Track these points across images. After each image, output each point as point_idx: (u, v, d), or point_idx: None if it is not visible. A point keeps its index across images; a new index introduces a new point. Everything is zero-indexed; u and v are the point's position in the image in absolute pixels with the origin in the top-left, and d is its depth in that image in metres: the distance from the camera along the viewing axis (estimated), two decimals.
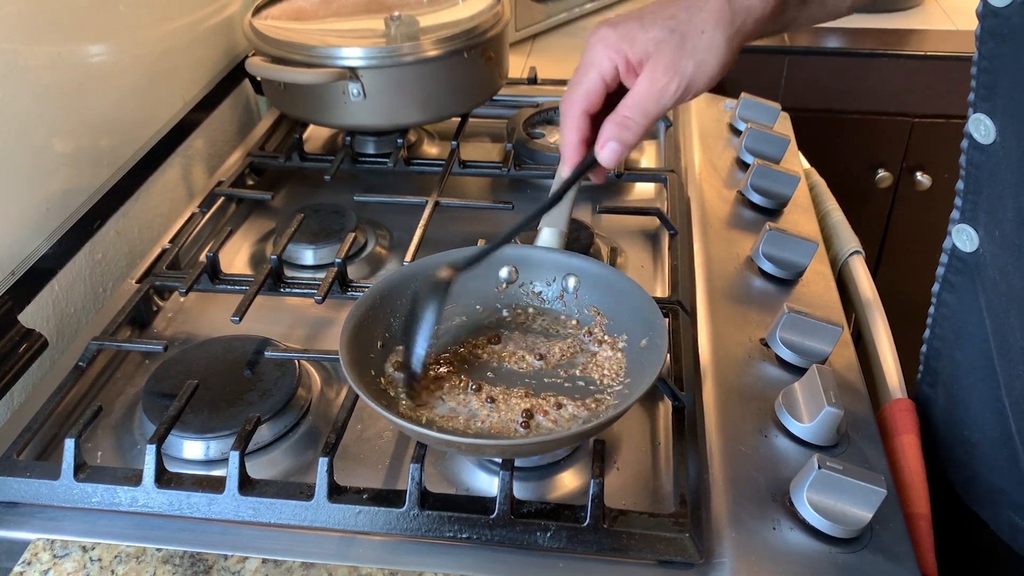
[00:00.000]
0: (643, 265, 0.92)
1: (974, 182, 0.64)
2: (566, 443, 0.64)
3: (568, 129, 0.67)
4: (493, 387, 0.67)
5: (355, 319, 0.67)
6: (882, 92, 1.49)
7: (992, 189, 0.63)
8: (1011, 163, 0.60)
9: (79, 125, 0.89)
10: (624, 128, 0.64)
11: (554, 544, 0.60)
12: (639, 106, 0.63)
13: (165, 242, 0.92)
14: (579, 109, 0.66)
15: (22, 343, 0.78)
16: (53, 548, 0.61)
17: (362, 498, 0.62)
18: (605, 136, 0.65)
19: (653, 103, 0.63)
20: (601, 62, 0.64)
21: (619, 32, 0.63)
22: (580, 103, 0.65)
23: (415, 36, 1.01)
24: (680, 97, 0.63)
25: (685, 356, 0.75)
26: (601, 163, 0.66)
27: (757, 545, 0.59)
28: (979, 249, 0.66)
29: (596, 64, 0.64)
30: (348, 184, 1.06)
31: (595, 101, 0.65)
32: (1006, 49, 0.59)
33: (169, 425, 0.66)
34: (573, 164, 0.68)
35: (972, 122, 0.63)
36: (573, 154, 0.67)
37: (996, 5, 0.58)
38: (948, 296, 0.70)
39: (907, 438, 0.70)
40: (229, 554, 0.61)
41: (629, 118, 0.64)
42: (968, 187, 0.65)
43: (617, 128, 0.64)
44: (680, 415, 0.69)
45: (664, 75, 0.62)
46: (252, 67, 1.00)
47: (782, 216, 0.96)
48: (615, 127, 0.64)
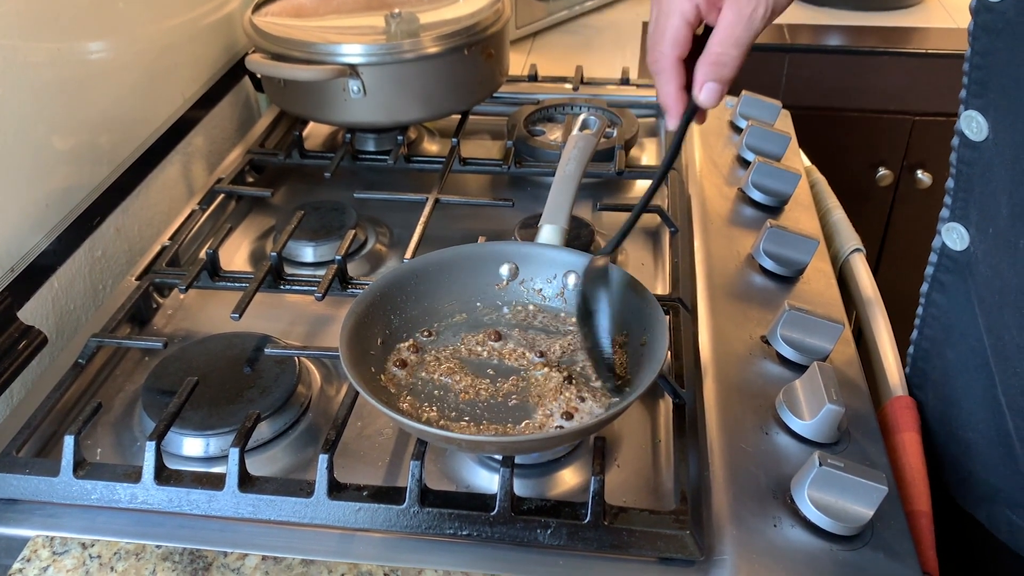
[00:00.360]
0: (644, 262, 0.92)
1: (965, 180, 0.64)
2: (566, 440, 0.64)
3: (665, 81, 0.65)
4: (493, 385, 0.67)
5: (355, 316, 0.67)
6: (883, 90, 1.49)
7: (985, 186, 0.62)
8: (1005, 160, 0.60)
9: (79, 122, 0.89)
10: (720, 65, 0.62)
11: (554, 541, 0.60)
12: (730, 38, 0.62)
13: (165, 239, 0.92)
14: (672, 58, 0.64)
15: (21, 340, 0.78)
16: (52, 545, 0.61)
17: (362, 495, 0.62)
18: (702, 77, 0.63)
19: (743, 31, 0.61)
20: (682, 5, 0.62)
21: None
22: (672, 51, 0.64)
23: (415, 33, 1.01)
24: (769, 19, 0.62)
25: (686, 353, 0.75)
26: (702, 105, 0.64)
27: (758, 542, 0.59)
28: (970, 247, 0.65)
29: (676, 8, 0.63)
30: (348, 181, 1.06)
31: (685, 46, 0.64)
32: (1000, 44, 0.58)
33: (169, 422, 0.66)
34: (679, 114, 0.66)
35: (964, 119, 0.63)
36: (676, 104, 0.65)
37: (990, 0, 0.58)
38: (938, 296, 0.70)
39: (908, 435, 0.70)
40: (229, 551, 0.61)
41: (723, 53, 0.62)
42: (959, 185, 0.65)
43: (713, 67, 0.62)
44: (681, 412, 0.69)
45: (749, 1, 0.61)
46: (252, 64, 1.00)
47: (783, 214, 0.96)
48: (711, 66, 0.63)
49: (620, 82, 1.23)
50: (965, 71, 0.62)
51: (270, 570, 0.59)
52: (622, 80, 1.23)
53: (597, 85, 1.23)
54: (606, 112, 1.12)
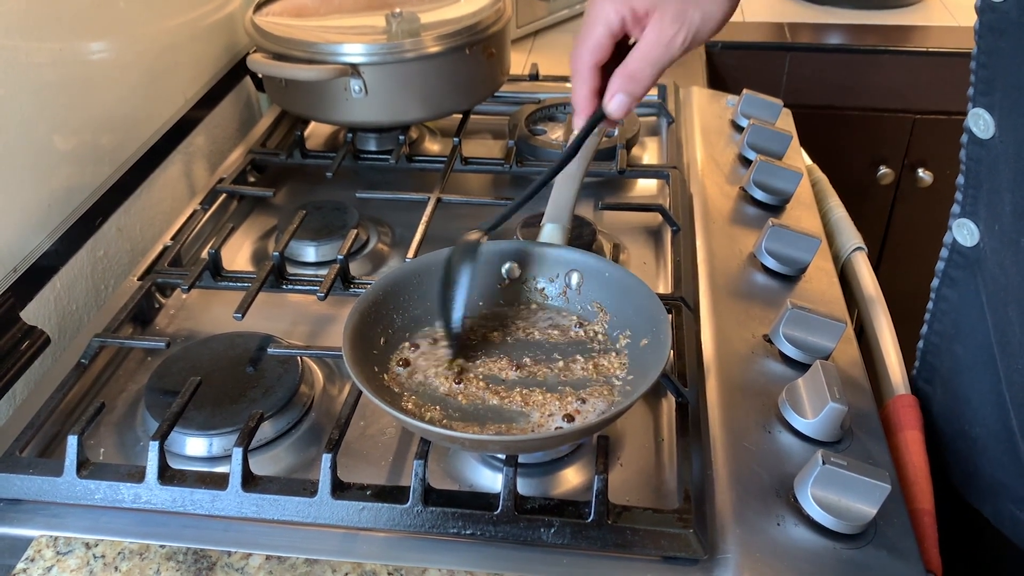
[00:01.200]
0: (646, 261, 0.92)
1: (974, 176, 0.65)
2: (570, 439, 0.64)
3: (579, 82, 0.68)
4: (496, 384, 0.67)
5: (358, 315, 0.67)
6: (884, 88, 1.49)
7: (992, 183, 0.63)
8: (1009, 157, 0.60)
9: (80, 122, 0.89)
10: (633, 80, 0.65)
11: (558, 540, 0.60)
12: (647, 57, 0.64)
13: (167, 239, 0.92)
14: (588, 63, 0.66)
15: (24, 340, 0.78)
16: (56, 545, 0.61)
17: (366, 494, 0.62)
18: (614, 88, 0.66)
19: (661, 53, 0.64)
20: (608, 15, 0.64)
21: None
22: (589, 57, 0.66)
23: (416, 33, 1.01)
24: (688, 46, 0.64)
25: (688, 352, 0.75)
26: (610, 115, 0.67)
27: (761, 541, 0.59)
28: (980, 243, 0.66)
29: (603, 18, 0.65)
30: (350, 181, 1.06)
31: (604, 53, 0.66)
32: (1004, 44, 0.59)
33: (172, 422, 0.66)
34: (586, 116, 0.69)
35: (971, 117, 0.63)
36: (585, 106, 0.68)
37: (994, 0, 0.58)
38: (948, 291, 0.70)
39: (911, 434, 0.70)
40: (232, 551, 0.61)
41: (638, 70, 0.64)
42: (968, 181, 0.65)
43: (626, 80, 0.65)
44: (683, 411, 0.69)
45: (671, 25, 0.63)
46: (253, 64, 1.00)
47: (784, 212, 0.96)
48: (624, 79, 0.65)
49: None
50: (972, 69, 0.62)
51: (274, 570, 0.59)
52: None
53: None
54: None
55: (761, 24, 1.56)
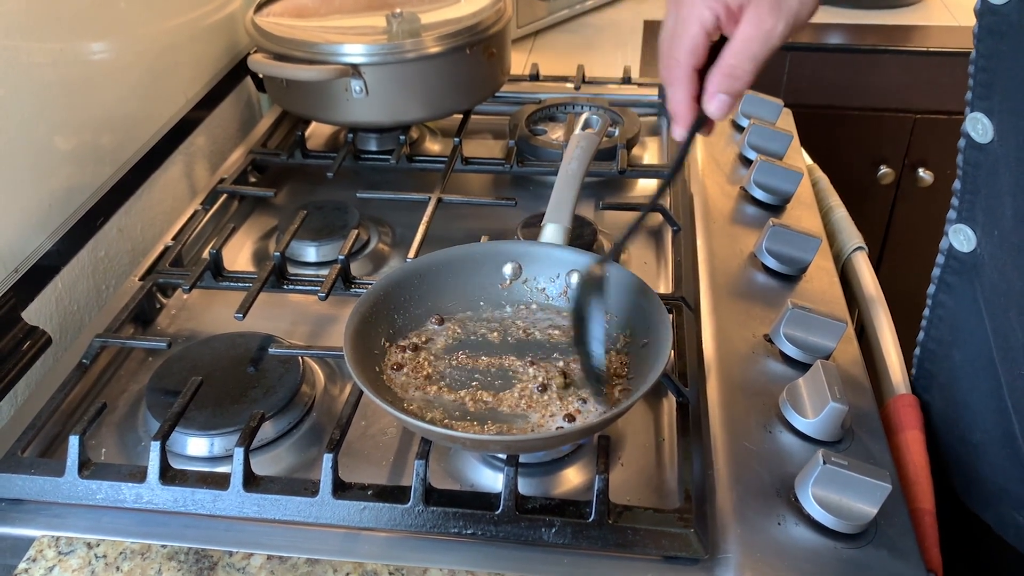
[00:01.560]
0: (646, 261, 0.92)
1: (972, 181, 0.64)
2: (571, 439, 0.64)
3: (677, 90, 0.64)
4: (497, 383, 0.67)
5: (359, 315, 0.67)
6: (884, 88, 1.49)
7: (990, 188, 0.62)
8: (1009, 162, 0.60)
9: (81, 122, 0.89)
10: (733, 78, 0.61)
11: (559, 540, 0.60)
12: (746, 52, 0.60)
13: (168, 239, 0.92)
14: (687, 66, 0.63)
15: (26, 340, 0.78)
16: (58, 545, 0.61)
17: (367, 494, 0.62)
18: (713, 88, 0.62)
19: (761, 47, 0.60)
20: (702, 13, 0.61)
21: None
22: (687, 60, 0.62)
23: (417, 33, 1.01)
24: (788, 35, 0.60)
25: (689, 352, 0.75)
26: (711, 117, 0.63)
27: (762, 540, 0.59)
28: (977, 249, 0.65)
29: (696, 16, 0.61)
30: (350, 181, 1.06)
31: (701, 55, 0.62)
32: (1004, 47, 0.58)
33: (173, 422, 0.66)
34: (687, 124, 0.65)
35: (969, 121, 0.62)
36: (686, 113, 0.64)
37: (995, 3, 0.58)
38: (945, 297, 0.70)
39: (911, 434, 0.70)
40: (234, 550, 0.61)
41: (737, 66, 0.61)
42: (965, 186, 0.65)
43: (726, 79, 0.61)
44: (684, 411, 0.69)
45: (770, 16, 0.59)
46: (254, 64, 1.00)
47: (785, 212, 0.96)
48: (723, 78, 0.61)
49: (622, 81, 1.23)
50: (971, 73, 0.61)
51: (275, 569, 0.59)
52: (624, 79, 1.23)
53: (599, 84, 1.23)
54: (608, 111, 1.12)
55: None
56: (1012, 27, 0.57)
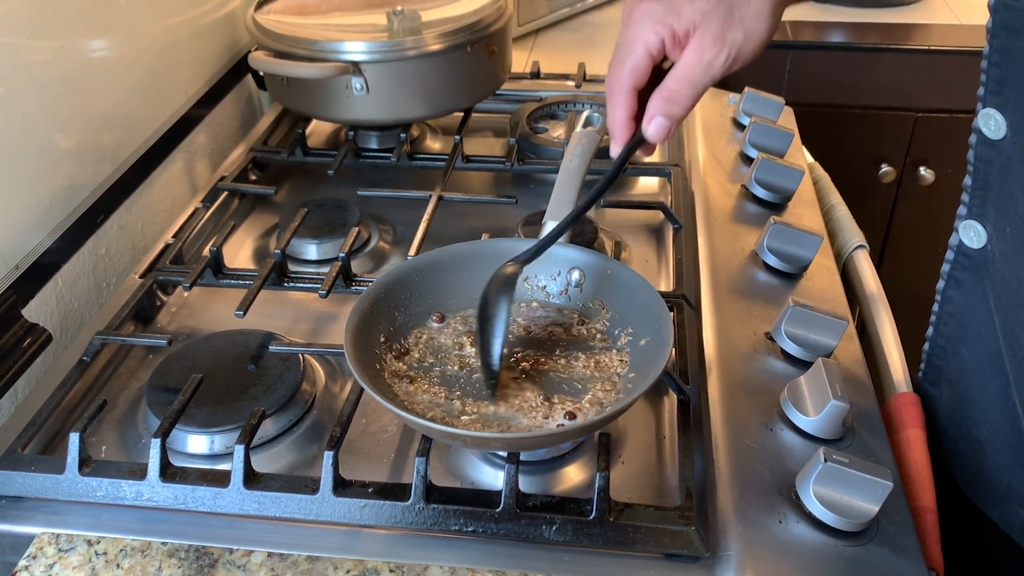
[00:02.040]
0: (647, 259, 0.92)
1: (983, 178, 0.64)
2: (572, 436, 0.64)
3: (616, 107, 0.65)
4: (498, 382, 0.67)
5: (359, 313, 0.67)
6: (885, 86, 1.49)
7: (1002, 185, 0.62)
8: (1022, 158, 0.59)
9: (82, 120, 0.89)
10: (672, 102, 0.62)
11: (560, 537, 0.60)
12: (687, 78, 0.62)
13: (168, 237, 0.92)
14: (627, 85, 0.64)
15: (26, 337, 0.78)
16: (58, 542, 0.61)
17: (367, 492, 0.62)
18: (653, 111, 0.63)
19: (701, 75, 0.61)
20: (647, 36, 0.62)
21: (664, 5, 0.62)
22: (628, 79, 0.64)
23: (418, 30, 1.01)
24: (729, 67, 0.62)
25: (690, 350, 0.75)
26: (649, 139, 0.65)
27: (763, 538, 0.59)
28: (987, 245, 0.65)
29: (642, 38, 0.62)
30: (351, 179, 1.06)
31: (643, 76, 0.64)
32: (1019, 43, 0.58)
33: (173, 419, 0.66)
34: (623, 142, 0.66)
35: (981, 117, 0.62)
36: (623, 131, 0.66)
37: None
38: (954, 293, 0.70)
39: (912, 432, 0.70)
40: (234, 548, 0.61)
41: (677, 91, 0.62)
42: (976, 183, 0.65)
43: (665, 102, 0.63)
44: (685, 409, 0.69)
45: (713, 46, 0.61)
46: (255, 62, 1.00)
47: (786, 210, 0.96)
48: (663, 101, 0.63)
49: None
50: (983, 68, 0.61)
51: (276, 567, 0.59)
52: None
53: (599, 82, 1.23)
54: None
55: None
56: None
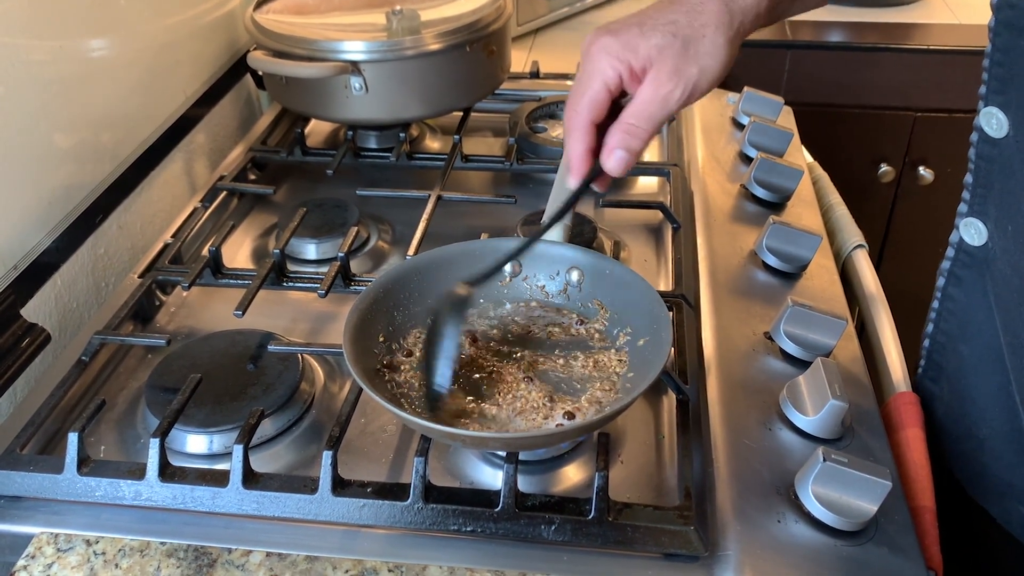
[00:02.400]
0: (646, 259, 0.92)
1: (984, 176, 0.64)
2: (570, 436, 0.64)
3: (574, 140, 0.66)
4: (497, 382, 0.67)
5: (358, 313, 0.67)
6: (885, 86, 1.49)
7: (1004, 183, 0.62)
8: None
9: (81, 120, 0.89)
10: (630, 136, 0.64)
11: (559, 537, 0.60)
12: (644, 113, 0.63)
13: (167, 236, 0.92)
14: (585, 119, 0.65)
15: (25, 337, 0.78)
16: (57, 542, 0.61)
17: (366, 492, 0.62)
18: (612, 144, 0.64)
19: (658, 109, 0.63)
20: (605, 71, 0.63)
21: (621, 40, 0.63)
22: (586, 113, 0.65)
23: (417, 30, 1.01)
24: (685, 101, 0.63)
25: (689, 349, 0.75)
26: (608, 172, 0.66)
27: (762, 538, 0.59)
28: (988, 243, 0.65)
29: (600, 73, 0.64)
30: (350, 178, 1.05)
31: (601, 111, 0.65)
32: (1022, 41, 0.58)
33: (172, 419, 0.66)
34: (581, 175, 0.67)
35: (983, 116, 0.62)
36: (581, 164, 0.67)
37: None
38: (954, 290, 0.70)
39: (912, 431, 0.70)
40: (233, 548, 0.61)
41: (635, 125, 0.63)
42: (977, 181, 0.65)
43: (624, 136, 0.64)
44: (684, 408, 0.69)
45: (669, 81, 0.62)
46: (254, 61, 1.00)
47: (785, 210, 0.96)
48: (621, 135, 0.64)
49: None
50: (985, 67, 0.61)
51: (274, 566, 0.59)
52: None
53: None
54: None
55: None
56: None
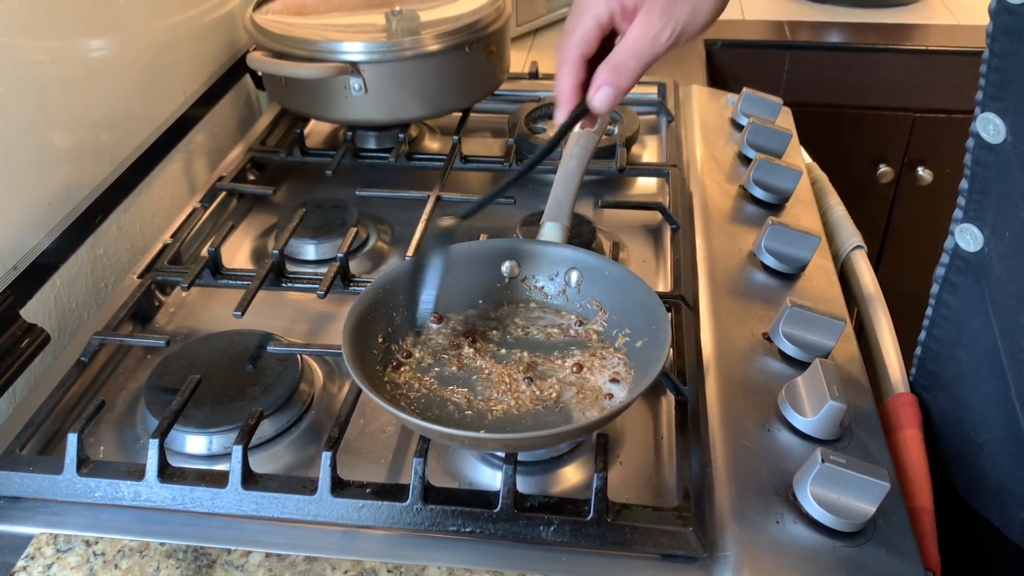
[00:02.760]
0: (645, 259, 0.92)
1: (981, 181, 0.64)
2: (569, 437, 0.64)
3: (564, 75, 0.67)
4: (496, 383, 0.67)
5: (357, 313, 0.67)
6: (884, 87, 1.49)
7: (1002, 189, 0.62)
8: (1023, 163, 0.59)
9: (80, 120, 0.89)
10: (618, 73, 0.64)
11: (557, 538, 0.60)
12: (633, 50, 0.64)
13: (167, 237, 0.92)
14: (575, 54, 0.66)
15: (24, 338, 0.78)
16: (56, 542, 0.61)
17: (365, 492, 0.62)
18: (599, 81, 0.65)
19: (647, 48, 0.63)
20: (596, 7, 0.64)
21: None
22: (576, 48, 0.66)
23: (416, 31, 1.01)
24: (674, 42, 0.64)
25: (688, 350, 0.75)
26: (593, 108, 0.66)
27: (760, 539, 0.59)
28: (984, 249, 0.65)
29: (591, 9, 0.65)
30: (349, 179, 1.06)
31: (591, 46, 0.66)
32: (1020, 47, 0.58)
33: (172, 420, 0.66)
34: (569, 110, 0.68)
35: (980, 121, 0.62)
36: (569, 99, 0.67)
37: (1012, 2, 0.57)
38: (949, 297, 0.70)
39: (910, 432, 0.70)
40: (232, 548, 0.61)
41: (623, 63, 0.64)
42: (973, 187, 0.65)
43: (611, 73, 0.64)
44: (683, 409, 0.69)
45: (659, 20, 0.62)
46: (253, 62, 1.00)
47: (784, 211, 0.96)
48: (609, 72, 0.65)
49: None
50: (982, 73, 0.61)
51: (274, 567, 0.59)
52: None
53: None
54: None
55: (761, 22, 1.56)
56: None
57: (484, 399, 0.66)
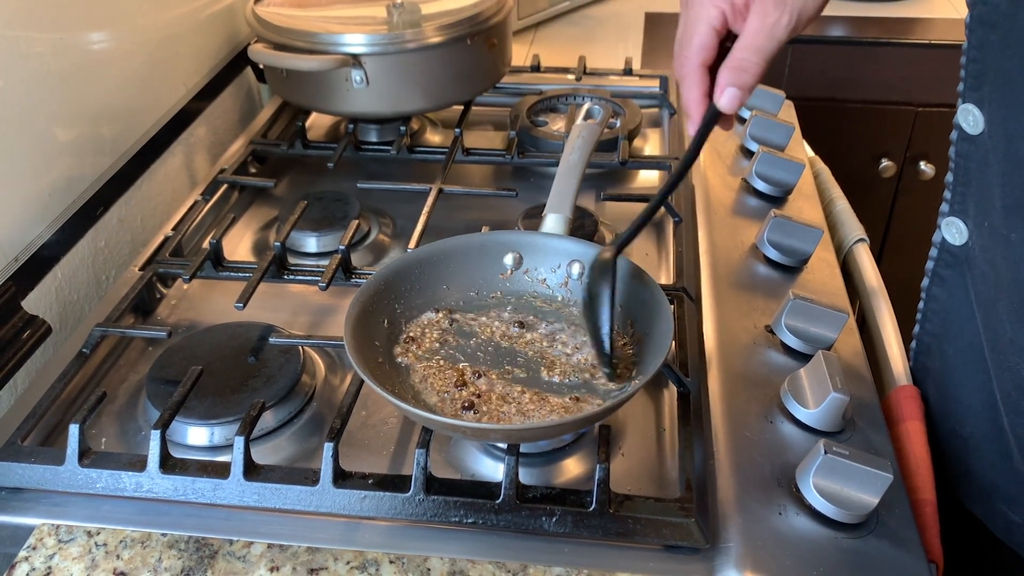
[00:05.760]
0: (648, 252, 0.92)
1: (963, 173, 0.64)
2: (572, 428, 0.64)
3: (688, 87, 0.66)
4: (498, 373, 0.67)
5: (360, 305, 0.67)
6: (886, 81, 1.49)
7: (981, 180, 0.62)
8: (998, 153, 0.59)
9: (81, 113, 0.89)
10: (741, 71, 0.63)
11: (560, 529, 0.60)
12: (753, 45, 0.62)
13: (168, 229, 0.92)
14: (697, 63, 0.65)
15: (26, 329, 0.78)
16: (58, 533, 0.61)
17: (367, 483, 0.62)
18: (723, 82, 0.63)
19: (766, 40, 0.62)
20: (708, 11, 0.63)
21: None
22: (697, 57, 0.64)
23: (417, 23, 1.00)
24: (793, 29, 0.62)
25: (690, 342, 0.75)
26: (723, 111, 0.65)
27: (763, 530, 0.59)
28: (968, 242, 0.65)
29: (704, 16, 0.63)
30: (351, 172, 1.05)
31: (711, 52, 0.64)
32: (994, 37, 0.58)
33: (173, 411, 0.66)
34: (699, 119, 0.66)
35: (961, 112, 0.62)
36: (697, 109, 0.66)
37: None
38: (938, 290, 0.70)
39: (912, 424, 0.70)
40: (234, 539, 0.61)
41: (745, 59, 0.62)
42: (957, 179, 0.65)
43: (734, 72, 0.63)
44: (685, 401, 0.69)
45: (775, 9, 0.61)
46: (254, 54, 1.00)
47: (787, 204, 0.95)
48: (732, 72, 0.63)
49: (623, 72, 1.23)
50: (962, 64, 0.62)
51: (276, 558, 0.59)
52: (625, 70, 1.23)
53: (600, 75, 1.23)
54: (609, 102, 1.12)
55: None
56: (1002, 16, 0.57)
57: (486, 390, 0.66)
